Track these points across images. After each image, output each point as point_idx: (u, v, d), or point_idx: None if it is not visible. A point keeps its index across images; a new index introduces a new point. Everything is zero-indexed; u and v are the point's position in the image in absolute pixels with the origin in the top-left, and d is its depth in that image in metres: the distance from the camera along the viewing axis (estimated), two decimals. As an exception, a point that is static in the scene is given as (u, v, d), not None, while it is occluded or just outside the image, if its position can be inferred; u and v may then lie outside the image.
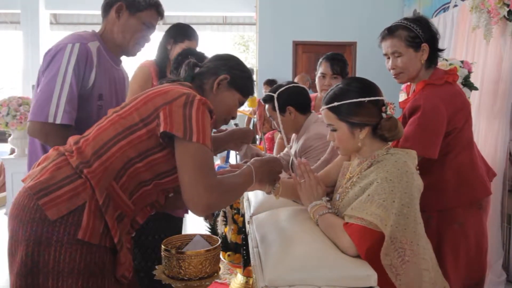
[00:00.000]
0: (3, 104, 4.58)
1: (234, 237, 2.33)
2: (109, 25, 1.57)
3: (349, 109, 1.27)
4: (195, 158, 1.13)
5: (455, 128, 1.63)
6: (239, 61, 1.41)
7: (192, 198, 1.12)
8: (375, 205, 1.15)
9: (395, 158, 1.24)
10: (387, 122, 1.28)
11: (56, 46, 1.49)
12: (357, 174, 1.30)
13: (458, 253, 1.64)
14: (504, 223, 3.10)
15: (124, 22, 1.54)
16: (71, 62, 1.43)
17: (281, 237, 1.24)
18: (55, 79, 1.42)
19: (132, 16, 1.54)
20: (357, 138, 1.29)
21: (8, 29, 9.94)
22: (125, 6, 1.53)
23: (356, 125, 1.28)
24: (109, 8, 1.55)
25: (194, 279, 1.30)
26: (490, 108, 3.09)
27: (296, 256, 1.10)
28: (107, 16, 1.57)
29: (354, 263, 1.10)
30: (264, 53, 6.08)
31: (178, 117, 1.13)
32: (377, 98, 1.28)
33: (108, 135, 1.17)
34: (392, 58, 1.67)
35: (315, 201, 1.32)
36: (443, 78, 1.64)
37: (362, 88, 1.29)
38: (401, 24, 1.64)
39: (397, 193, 1.16)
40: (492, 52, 3.11)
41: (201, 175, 1.12)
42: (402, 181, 1.18)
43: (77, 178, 1.12)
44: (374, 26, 1.97)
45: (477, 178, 1.69)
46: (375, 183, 1.19)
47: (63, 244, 1.08)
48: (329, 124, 1.33)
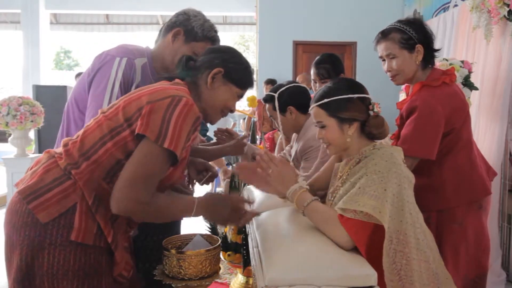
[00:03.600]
0: (3, 104, 4.58)
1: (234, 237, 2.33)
2: (163, 46, 1.58)
3: (338, 105, 1.30)
4: (149, 163, 1.09)
5: (453, 129, 1.63)
6: (235, 52, 1.38)
7: (120, 195, 1.07)
8: (367, 196, 1.16)
9: (382, 151, 1.26)
10: (375, 119, 1.31)
11: (106, 55, 1.52)
12: (346, 172, 1.32)
13: (458, 253, 1.64)
14: (504, 222, 3.10)
15: (177, 47, 1.54)
16: (118, 75, 1.46)
17: (281, 237, 1.24)
18: (103, 92, 1.45)
19: (186, 44, 1.54)
20: (346, 134, 1.30)
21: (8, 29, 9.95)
22: (183, 32, 1.54)
23: (346, 120, 1.30)
24: (168, 30, 1.57)
25: (194, 279, 1.30)
26: (490, 108, 3.09)
27: (296, 256, 1.10)
28: (164, 38, 1.58)
29: (354, 263, 1.10)
30: (264, 53, 6.08)
31: (156, 120, 1.10)
32: (364, 96, 1.32)
33: (94, 137, 1.15)
34: (387, 60, 1.69)
35: (292, 186, 1.27)
36: (440, 79, 1.64)
37: (350, 86, 1.33)
38: (394, 26, 1.67)
39: (388, 183, 1.17)
40: (492, 52, 3.10)
41: (142, 183, 1.08)
42: (391, 171, 1.19)
43: (66, 179, 1.12)
44: (374, 26, 1.97)
45: (477, 178, 1.69)
46: (364, 177, 1.20)
47: (56, 247, 1.08)
48: (318, 121, 1.34)
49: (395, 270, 1.16)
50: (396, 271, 1.16)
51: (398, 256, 1.16)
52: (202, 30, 1.54)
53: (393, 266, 1.16)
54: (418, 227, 1.20)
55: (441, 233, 1.64)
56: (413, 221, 1.18)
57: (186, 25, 1.54)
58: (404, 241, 1.16)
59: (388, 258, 1.16)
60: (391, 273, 1.16)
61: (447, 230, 1.64)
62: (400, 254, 1.16)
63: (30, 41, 8.17)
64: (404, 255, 1.16)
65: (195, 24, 1.53)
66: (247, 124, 6.06)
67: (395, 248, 1.16)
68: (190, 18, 1.54)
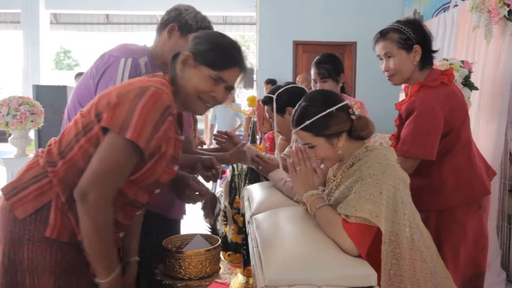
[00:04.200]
0: (3, 104, 4.58)
1: (234, 237, 2.33)
2: (160, 44, 1.59)
3: (321, 123, 1.27)
4: (112, 156, 1.07)
5: (452, 129, 1.63)
6: (210, 34, 1.32)
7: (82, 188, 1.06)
8: (363, 201, 1.16)
9: (375, 153, 1.25)
10: (359, 122, 1.30)
11: (109, 56, 1.51)
12: (340, 175, 1.32)
13: (458, 253, 1.64)
14: (504, 222, 3.10)
15: (174, 42, 1.55)
16: (125, 76, 1.46)
17: (281, 237, 1.24)
18: None
19: (182, 38, 1.55)
20: (336, 147, 1.29)
21: (8, 28, 9.95)
22: (177, 27, 1.55)
23: (333, 135, 1.29)
24: (162, 28, 1.58)
25: (194, 279, 1.30)
26: (490, 108, 3.09)
27: (296, 256, 1.10)
28: (159, 35, 1.59)
29: (354, 263, 1.10)
30: (264, 53, 6.07)
31: (121, 111, 1.07)
32: (342, 104, 1.30)
33: (70, 135, 1.15)
34: (385, 60, 1.69)
35: (311, 191, 1.29)
36: (438, 79, 1.64)
37: (325, 100, 1.31)
38: (392, 26, 1.67)
39: (383, 185, 1.17)
40: (492, 52, 3.10)
41: (104, 177, 1.06)
42: (386, 173, 1.19)
43: (43, 177, 1.13)
44: (374, 26, 1.97)
45: (476, 177, 1.69)
46: (359, 181, 1.20)
47: (34, 243, 1.10)
48: (306, 143, 1.32)
49: (386, 270, 1.16)
50: (387, 271, 1.16)
51: (389, 256, 1.16)
52: (196, 21, 1.55)
53: (385, 267, 1.16)
54: (414, 227, 1.20)
55: (441, 233, 1.64)
56: (408, 221, 1.18)
57: (179, 19, 1.55)
58: (396, 242, 1.17)
59: (383, 259, 1.16)
60: (383, 273, 1.16)
61: (446, 230, 1.65)
62: (391, 254, 1.17)
63: (30, 41, 8.18)
64: (394, 255, 1.17)
65: (188, 17, 1.55)
66: (246, 124, 6.06)
67: (387, 249, 1.16)
68: (182, 13, 1.56)
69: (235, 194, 2.38)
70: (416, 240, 1.19)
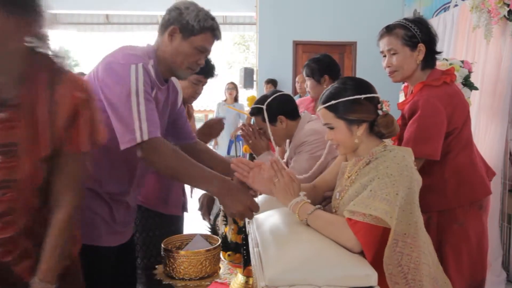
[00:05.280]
0: (3, 104, 4.55)
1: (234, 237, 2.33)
2: (162, 46, 1.49)
3: (346, 107, 1.28)
4: None
5: (455, 128, 1.63)
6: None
7: None
8: (378, 200, 1.15)
9: (393, 154, 1.25)
10: (384, 118, 1.30)
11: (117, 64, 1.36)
12: (356, 172, 1.31)
13: (460, 254, 1.63)
14: (505, 222, 3.10)
15: (177, 46, 1.46)
16: (139, 82, 1.34)
17: (281, 237, 1.24)
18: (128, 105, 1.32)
19: (184, 40, 1.46)
20: (354, 135, 1.29)
21: (8, 29, 9.93)
22: (179, 29, 1.45)
23: (354, 122, 1.28)
24: (163, 29, 1.48)
25: (194, 279, 1.30)
26: (490, 108, 3.09)
27: (296, 255, 1.10)
28: (161, 37, 1.50)
29: (354, 263, 1.09)
30: (264, 53, 6.08)
31: None
32: (373, 95, 1.30)
33: None
34: (388, 56, 1.68)
35: (294, 199, 1.29)
36: (440, 78, 1.64)
37: (357, 86, 1.31)
38: (399, 23, 1.66)
39: (400, 187, 1.16)
40: (492, 52, 3.11)
41: None
42: (403, 175, 1.18)
43: None
44: (374, 26, 1.97)
45: (477, 178, 1.69)
46: (376, 179, 1.19)
47: None
48: (326, 123, 1.33)
49: (401, 273, 1.15)
50: (403, 274, 1.15)
51: (404, 259, 1.15)
52: (198, 21, 1.45)
53: (398, 269, 1.15)
54: (422, 229, 1.20)
55: (442, 233, 1.64)
56: (417, 223, 1.18)
57: (180, 20, 1.45)
58: (413, 245, 1.16)
59: (391, 259, 1.15)
60: (397, 275, 1.15)
61: (448, 230, 1.64)
62: (408, 257, 1.15)
63: (30, 41, 8.16)
64: (411, 259, 1.15)
65: (189, 18, 1.44)
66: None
67: (402, 251, 1.15)
68: (182, 12, 1.45)
69: (235, 194, 2.38)
70: (426, 244, 1.20)
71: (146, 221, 1.88)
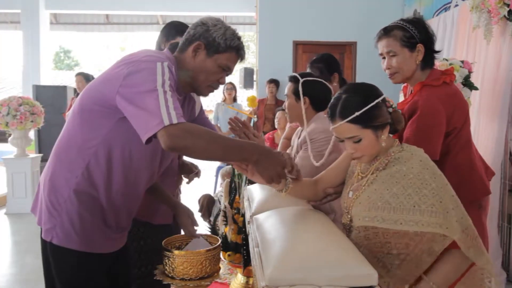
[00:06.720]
0: (3, 104, 4.58)
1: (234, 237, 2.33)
2: (184, 61, 1.44)
3: (369, 114, 1.25)
4: None
5: (454, 128, 1.63)
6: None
7: None
8: (427, 215, 1.17)
9: (417, 157, 1.26)
10: (395, 114, 1.32)
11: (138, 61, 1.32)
12: (372, 172, 1.30)
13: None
14: (504, 222, 3.10)
15: (200, 62, 1.42)
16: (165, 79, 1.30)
17: (281, 237, 1.24)
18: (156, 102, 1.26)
19: (209, 58, 1.42)
20: (380, 139, 1.28)
21: (8, 29, 9.96)
22: (204, 46, 1.41)
23: (379, 127, 1.27)
24: (187, 44, 1.44)
25: (194, 279, 1.30)
26: (490, 108, 3.09)
27: (297, 255, 1.10)
28: (183, 52, 1.45)
29: (355, 262, 1.09)
30: (264, 53, 6.08)
31: None
32: (384, 96, 1.29)
33: None
34: (387, 57, 1.68)
35: None
36: (440, 78, 1.64)
37: (369, 91, 1.29)
38: (397, 24, 1.66)
39: (440, 193, 1.19)
40: (492, 52, 3.11)
41: None
42: (436, 177, 1.22)
43: None
44: (374, 26, 1.96)
45: (476, 177, 1.69)
46: (416, 192, 1.20)
47: None
48: (351, 137, 1.27)
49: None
50: None
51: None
52: (225, 40, 1.41)
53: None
54: None
55: (442, 233, 1.64)
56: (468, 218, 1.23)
57: (206, 36, 1.40)
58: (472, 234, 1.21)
59: None
60: None
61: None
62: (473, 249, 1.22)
63: (30, 41, 8.19)
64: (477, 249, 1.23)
65: (216, 35, 1.40)
66: (247, 124, 6.06)
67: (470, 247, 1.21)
68: (209, 29, 1.41)
69: (235, 194, 2.38)
70: None
71: (138, 230, 1.86)
